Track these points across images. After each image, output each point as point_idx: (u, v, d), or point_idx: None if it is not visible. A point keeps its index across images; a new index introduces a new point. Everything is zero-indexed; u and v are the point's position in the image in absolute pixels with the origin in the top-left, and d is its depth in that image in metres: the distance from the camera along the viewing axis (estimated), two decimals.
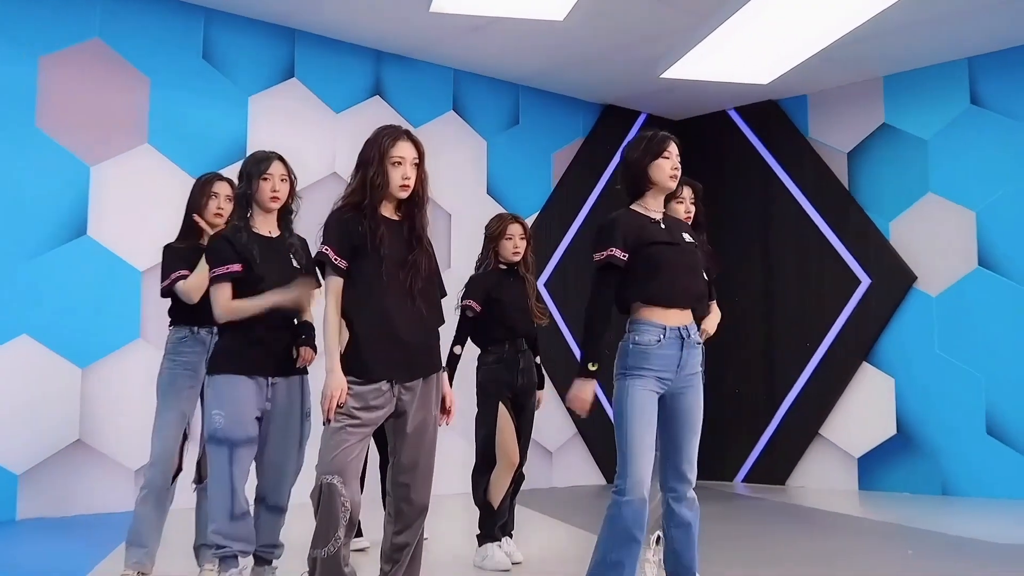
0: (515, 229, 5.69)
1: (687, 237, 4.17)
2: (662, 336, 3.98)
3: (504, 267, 5.71)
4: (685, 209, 4.91)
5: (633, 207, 4.14)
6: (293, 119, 8.17)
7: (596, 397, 4.07)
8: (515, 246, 5.66)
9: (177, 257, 4.91)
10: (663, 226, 4.10)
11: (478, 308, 5.58)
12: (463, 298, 5.64)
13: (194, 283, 4.76)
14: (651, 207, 4.13)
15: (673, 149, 4.12)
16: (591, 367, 3.95)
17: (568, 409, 4.09)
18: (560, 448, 9.56)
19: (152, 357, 5.57)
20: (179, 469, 4.82)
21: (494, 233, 5.70)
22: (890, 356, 9.13)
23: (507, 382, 5.54)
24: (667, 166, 4.09)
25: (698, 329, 4.20)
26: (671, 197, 4.67)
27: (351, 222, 3.86)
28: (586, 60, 9.00)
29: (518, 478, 5.59)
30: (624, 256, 4.00)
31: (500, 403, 5.50)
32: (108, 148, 7.30)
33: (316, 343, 4.46)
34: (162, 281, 4.86)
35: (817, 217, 9.64)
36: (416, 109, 8.87)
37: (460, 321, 5.65)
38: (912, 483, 8.88)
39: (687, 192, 4.91)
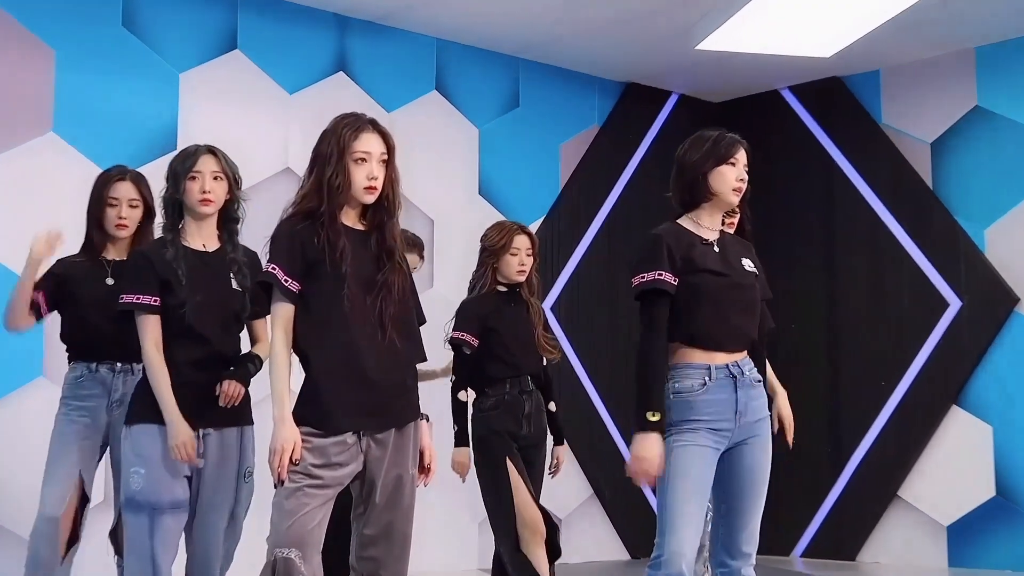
0: (522, 242, 5.71)
1: (747, 265, 4.18)
2: (707, 378, 3.98)
3: (504, 288, 5.70)
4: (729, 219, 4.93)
5: (682, 221, 4.15)
6: (236, 101, 8.16)
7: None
8: (520, 263, 5.68)
9: (44, 276, 5.01)
10: (716, 249, 4.10)
11: (475, 342, 5.57)
12: (454, 329, 5.62)
13: (10, 311, 4.93)
14: (705, 224, 4.14)
15: (742, 156, 4.14)
16: (651, 417, 3.94)
17: (632, 476, 4.03)
18: (573, 514, 9.51)
19: (57, 400, 5.55)
20: (73, 538, 4.80)
21: (496, 246, 5.70)
22: (986, 398, 9.10)
23: (511, 432, 5.53)
24: (732, 176, 4.11)
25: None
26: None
27: (304, 233, 3.87)
28: (603, 27, 9.00)
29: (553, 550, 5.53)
30: (674, 281, 4.00)
31: (507, 459, 5.48)
32: (2, 138, 7.28)
33: (251, 379, 4.45)
34: None
35: (893, 224, 9.62)
36: (390, 89, 8.86)
37: (456, 361, 5.63)
38: (1016, 558, 8.83)
39: None
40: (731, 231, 4.91)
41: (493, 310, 5.64)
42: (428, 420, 4.06)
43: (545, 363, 5.83)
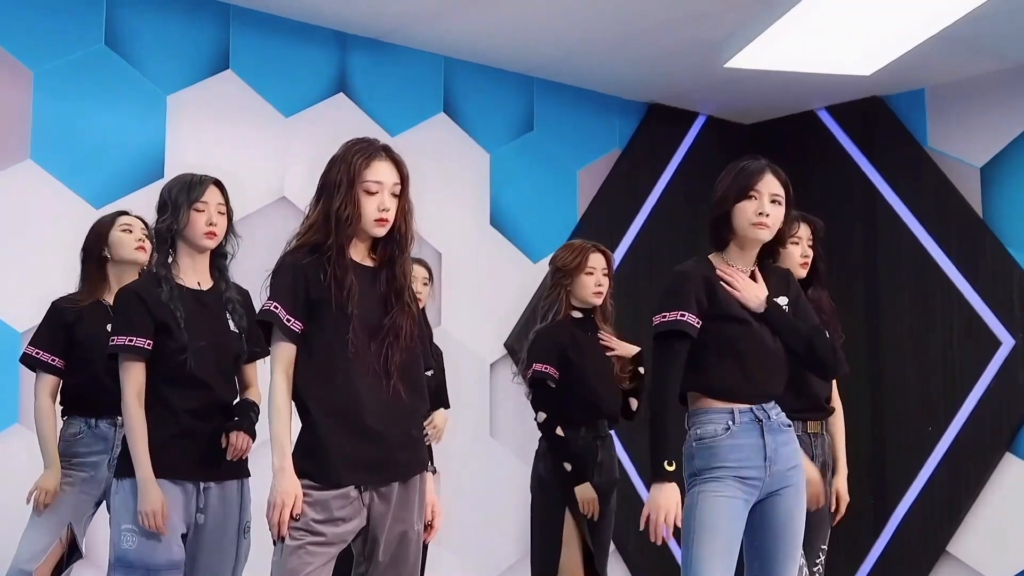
0: (597, 260, 5.78)
1: (780, 304, 4.21)
2: (730, 422, 4.00)
3: (579, 315, 5.74)
4: (802, 252, 5.10)
5: (712, 257, 4.17)
6: (228, 125, 8.18)
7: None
8: (597, 283, 5.75)
9: (55, 326, 5.01)
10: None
11: (557, 374, 5.61)
12: (530, 362, 5.66)
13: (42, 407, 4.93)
14: (735, 263, 4.16)
15: (764, 185, 4.14)
16: (668, 466, 3.97)
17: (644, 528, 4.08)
18: None
19: (36, 449, 5.55)
20: None
21: (569, 266, 5.77)
22: None
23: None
24: (750, 210, 4.13)
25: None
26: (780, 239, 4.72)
27: (309, 269, 3.88)
28: (624, 44, 9.02)
29: None
30: (697, 323, 4.03)
31: (567, 508, 5.54)
32: None
33: (256, 428, 4.46)
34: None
35: (940, 255, 9.61)
36: (394, 111, 8.89)
37: (539, 397, 5.66)
38: None
39: (804, 231, 5.12)
40: (804, 272, 5.00)
41: (570, 340, 5.68)
42: (435, 472, 4.08)
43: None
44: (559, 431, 5.62)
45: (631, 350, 5.83)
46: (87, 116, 7.62)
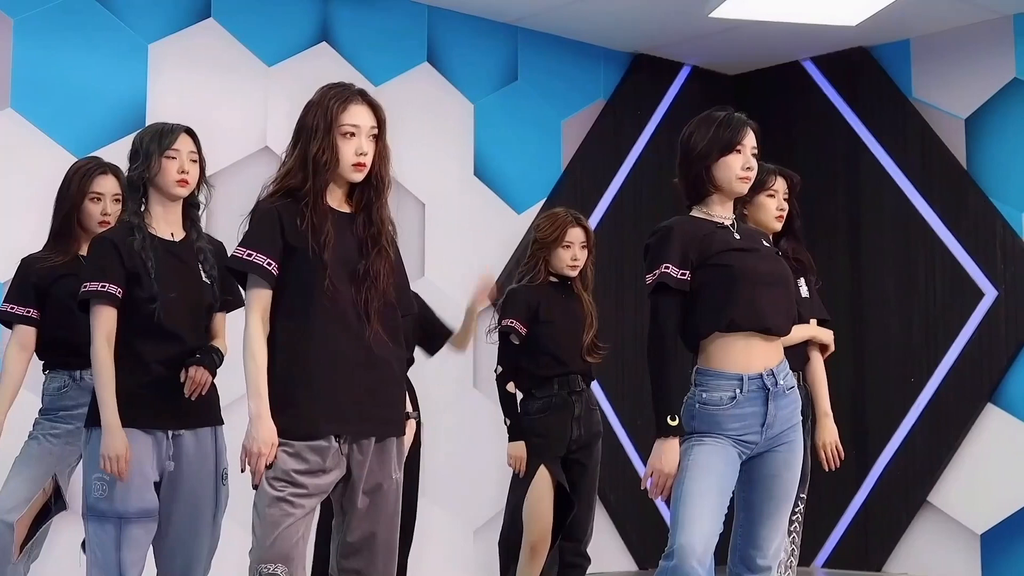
0: (576, 235, 5.83)
1: (767, 245, 4.25)
2: (738, 391, 4.02)
3: (555, 280, 5.79)
4: (777, 205, 5.19)
5: (694, 212, 4.19)
6: (210, 74, 8.13)
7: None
8: (573, 257, 5.81)
9: (24, 281, 5.00)
10: (737, 235, 4.15)
11: (523, 331, 5.65)
12: (501, 317, 5.73)
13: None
14: (716, 213, 4.18)
15: (749, 140, 4.16)
16: (671, 421, 3.99)
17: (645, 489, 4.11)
18: None
19: (16, 408, 5.49)
20: (29, 539, 4.83)
21: (547, 238, 5.83)
22: None
23: (558, 436, 5.62)
24: (736, 164, 4.14)
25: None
26: (756, 190, 4.78)
27: (286, 213, 3.86)
28: None
29: (579, 562, 5.66)
30: (682, 275, 4.04)
31: (543, 464, 5.59)
32: None
33: (216, 368, 4.45)
34: None
35: (924, 207, 9.61)
36: (377, 60, 8.84)
37: (502, 350, 5.72)
38: None
39: (780, 184, 5.20)
40: (779, 225, 5.06)
41: (545, 301, 5.73)
42: (418, 418, 4.07)
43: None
44: (510, 387, 5.72)
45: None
46: (68, 64, 7.57)
